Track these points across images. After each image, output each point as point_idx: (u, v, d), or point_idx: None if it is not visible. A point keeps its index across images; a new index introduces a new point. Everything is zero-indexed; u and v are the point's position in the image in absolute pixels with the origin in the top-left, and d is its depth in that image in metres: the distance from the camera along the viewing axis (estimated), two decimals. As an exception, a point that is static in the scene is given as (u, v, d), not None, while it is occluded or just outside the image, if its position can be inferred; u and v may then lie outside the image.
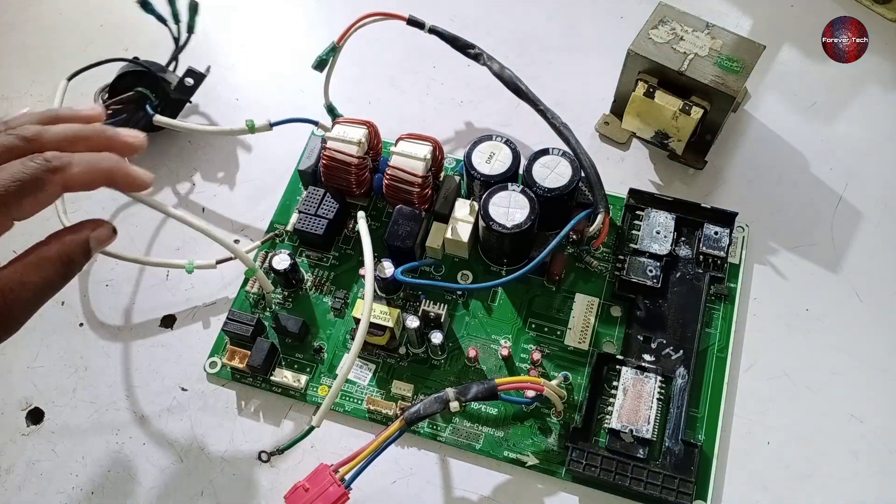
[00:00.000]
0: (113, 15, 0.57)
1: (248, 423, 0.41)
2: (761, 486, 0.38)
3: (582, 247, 0.44)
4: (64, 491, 0.39)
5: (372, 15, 0.43)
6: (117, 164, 0.33)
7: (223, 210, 0.48)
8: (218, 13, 0.55)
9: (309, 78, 0.46)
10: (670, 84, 0.43)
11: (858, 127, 0.48)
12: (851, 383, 0.40)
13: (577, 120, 0.47)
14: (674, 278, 0.42)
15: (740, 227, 0.44)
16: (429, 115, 0.51)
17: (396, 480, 0.39)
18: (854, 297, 0.43)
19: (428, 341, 0.40)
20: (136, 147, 0.35)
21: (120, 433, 0.41)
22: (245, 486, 0.39)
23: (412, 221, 0.42)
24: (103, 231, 0.33)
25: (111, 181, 0.33)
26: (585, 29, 0.54)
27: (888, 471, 0.38)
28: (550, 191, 0.41)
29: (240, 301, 0.44)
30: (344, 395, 0.41)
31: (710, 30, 0.44)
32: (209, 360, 0.42)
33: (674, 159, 0.47)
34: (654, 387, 0.39)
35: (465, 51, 0.45)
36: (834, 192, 0.46)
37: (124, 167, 0.33)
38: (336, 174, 0.44)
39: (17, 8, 0.57)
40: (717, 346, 0.41)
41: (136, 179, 0.33)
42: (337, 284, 0.44)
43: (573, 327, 0.42)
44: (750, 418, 0.40)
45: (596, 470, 0.37)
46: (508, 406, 0.40)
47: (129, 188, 0.34)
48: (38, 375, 0.43)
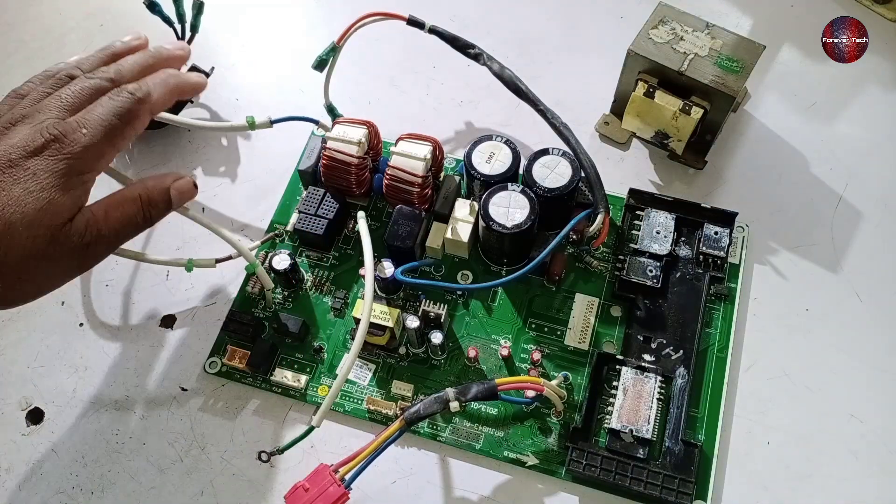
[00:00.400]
0: (113, 15, 0.57)
1: (248, 423, 0.41)
2: (761, 486, 0.38)
3: (582, 247, 0.44)
4: (64, 491, 0.39)
5: (372, 15, 0.43)
6: (179, 79, 0.38)
7: (223, 209, 0.48)
8: (218, 13, 0.54)
9: (309, 78, 0.46)
10: (670, 84, 0.43)
11: (858, 127, 0.48)
12: (851, 383, 0.40)
13: (577, 120, 0.47)
14: (674, 278, 0.42)
15: (740, 227, 0.44)
16: (429, 115, 0.51)
17: (396, 480, 0.39)
18: (854, 297, 0.43)
19: (428, 341, 0.40)
20: (184, 58, 0.41)
21: (120, 433, 0.41)
22: (245, 486, 0.39)
23: (412, 221, 0.42)
24: (184, 183, 0.37)
25: (181, 94, 0.38)
26: (585, 29, 0.54)
27: (888, 471, 0.38)
28: (550, 191, 0.41)
29: (240, 301, 0.44)
30: (344, 395, 0.41)
31: (710, 30, 0.44)
32: (209, 360, 0.42)
33: (674, 159, 0.47)
34: (654, 387, 0.39)
35: (465, 51, 0.45)
36: (834, 192, 0.46)
37: (185, 79, 0.39)
38: (336, 174, 0.44)
39: (16, 8, 0.57)
40: (717, 346, 0.41)
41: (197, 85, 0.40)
42: (337, 284, 0.44)
43: (573, 327, 0.42)
44: (750, 418, 0.40)
45: (596, 470, 0.37)
46: (508, 406, 0.40)
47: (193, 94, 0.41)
48: (38, 375, 0.43)
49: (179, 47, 0.40)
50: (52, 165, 0.32)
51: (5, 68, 0.54)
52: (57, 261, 0.33)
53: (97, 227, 0.33)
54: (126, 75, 0.36)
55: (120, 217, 0.34)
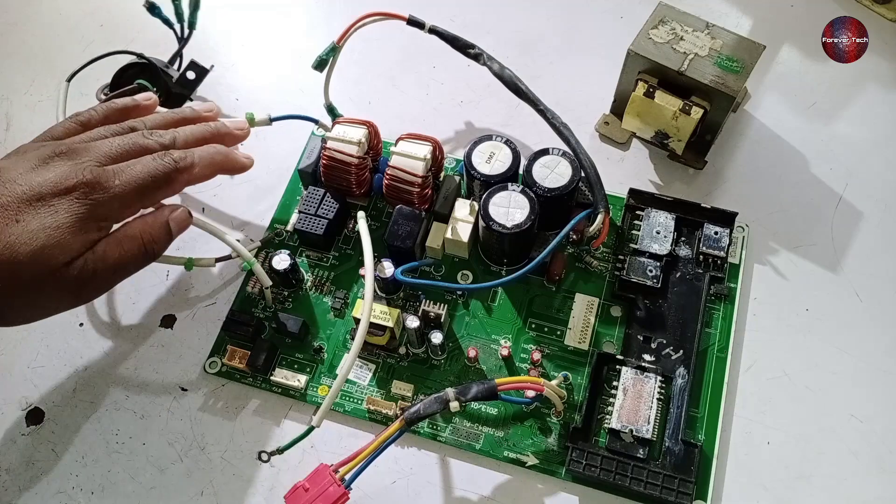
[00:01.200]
0: (113, 15, 0.57)
1: (248, 423, 0.41)
2: (761, 486, 0.38)
3: (582, 247, 0.44)
4: (64, 491, 0.39)
5: (372, 15, 0.43)
6: (227, 157, 0.39)
7: (223, 209, 0.48)
8: (218, 13, 0.55)
9: (309, 78, 0.46)
10: (670, 84, 0.43)
11: (858, 127, 0.48)
12: (851, 383, 0.40)
13: (577, 120, 0.47)
14: (674, 278, 0.42)
15: (740, 227, 0.44)
16: (429, 115, 0.51)
17: (396, 480, 0.39)
18: (854, 297, 0.43)
19: (428, 341, 0.40)
20: (242, 138, 0.42)
21: (120, 433, 0.41)
22: (245, 486, 0.39)
23: (412, 221, 0.42)
24: (179, 213, 0.38)
25: (223, 171, 0.39)
26: (585, 29, 0.54)
27: (888, 471, 0.38)
28: (550, 191, 0.41)
29: (240, 301, 0.44)
30: (344, 395, 0.41)
31: (710, 30, 0.44)
32: (209, 360, 0.42)
33: (674, 159, 0.47)
34: (654, 387, 0.39)
35: (465, 51, 0.45)
36: (834, 192, 0.46)
37: (232, 158, 0.40)
38: (336, 174, 0.44)
39: (16, 8, 0.57)
40: (717, 346, 0.41)
41: (242, 165, 0.41)
42: (337, 284, 0.44)
43: (573, 327, 0.42)
44: (750, 418, 0.40)
45: (596, 470, 0.37)
46: (508, 406, 0.40)
47: (237, 173, 0.41)
48: (38, 375, 0.43)
49: (239, 126, 0.42)
50: (74, 207, 0.33)
51: (5, 68, 0.54)
52: (50, 294, 0.34)
53: (94, 267, 0.34)
54: (179, 144, 0.38)
55: (119, 256, 0.35)
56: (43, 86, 0.53)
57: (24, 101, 0.53)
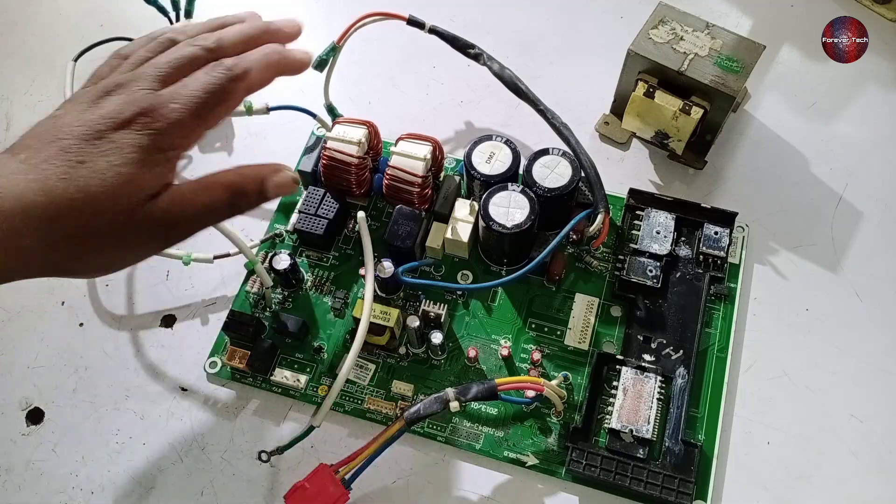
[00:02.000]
0: (113, 15, 0.56)
1: (248, 423, 0.41)
2: (761, 486, 0.38)
3: (582, 247, 0.44)
4: (64, 491, 0.39)
5: (372, 15, 0.44)
6: (283, 56, 0.35)
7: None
8: (218, 12, 0.54)
9: (309, 78, 0.45)
10: (670, 84, 0.43)
11: (858, 127, 0.48)
12: (851, 383, 0.40)
13: (578, 120, 0.47)
14: (674, 278, 0.42)
15: (740, 227, 0.44)
16: (429, 115, 0.51)
17: (396, 480, 0.39)
18: (854, 297, 0.43)
19: (428, 341, 0.40)
20: (294, 35, 0.37)
21: (120, 433, 0.41)
22: (245, 486, 0.39)
23: (412, 221, 0.42)
24: (283, 176, 0.34)
25: (281, 72, 0.35)
26: (585, 29, 0.54)
27: (888, 471, 0.38)
28: (550, 191, 0.41)
29: (240, 301, 0.44)
30: (344, 395, 0.41)
31: (710, 30, 0.44)
32: (209, 360, 0.42)
33: (674, 159, 0.47)
34: (654, 387, 0.39)
35: (465, 51, 0.45)
36: (834, 192, 0.46)
37: (290, 56, 0.35)
38: (336, 174, 0.44)
39: (16, 8, 0.57)
40: (717, 346, 0.41)
41: (300, 63, 0.36)
42: (337, 284, 0.44)
43: (573, 327, 0.42)
44: (750, 418, 0.40)
45: (596, 470, 0.37)
46: (508, 406, 0.40)
47: (296, 73, 0.36)
48: (38, 375, 0.43)
49: (289, 22, 0.37)
50: (137, 140, 0.30)
51: (5, 68, 0.54)
52: (133, 238, 0.31)
53: (180, 209, 0.32)
54: (227, 47, 0.34)
55: (206, 202, 0.32)
56: (43, 86, 0.53)
57: (24, 101, 0.53)
